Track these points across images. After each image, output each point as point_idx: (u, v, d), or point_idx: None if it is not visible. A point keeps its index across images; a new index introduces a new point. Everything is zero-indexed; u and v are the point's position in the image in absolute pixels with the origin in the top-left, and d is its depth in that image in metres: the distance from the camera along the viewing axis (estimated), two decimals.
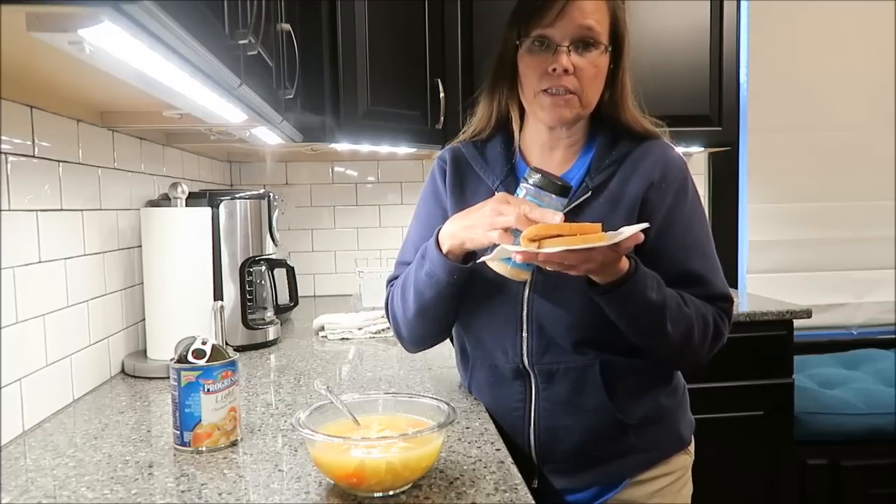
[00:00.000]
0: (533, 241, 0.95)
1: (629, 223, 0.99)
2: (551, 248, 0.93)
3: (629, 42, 1.18)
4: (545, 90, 1.13)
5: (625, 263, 1.02)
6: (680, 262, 1.13)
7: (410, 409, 1.01)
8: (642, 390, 1.17)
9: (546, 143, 1.21)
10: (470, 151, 1.24)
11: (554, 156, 1.21)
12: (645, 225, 0.97)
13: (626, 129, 1.19)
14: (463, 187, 1.23)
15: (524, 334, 1.16)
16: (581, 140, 1.21)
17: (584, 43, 1.12)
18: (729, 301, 1.16)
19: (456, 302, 1.18)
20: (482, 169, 1.22)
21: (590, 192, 1.14)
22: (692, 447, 1.25)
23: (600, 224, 0.96)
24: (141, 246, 1.59)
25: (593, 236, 0.94)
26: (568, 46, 1.11)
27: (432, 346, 1.30)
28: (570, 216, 1.12)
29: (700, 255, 1.15)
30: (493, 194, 1.16)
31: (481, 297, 1.18)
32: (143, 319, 1.63)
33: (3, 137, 1.11)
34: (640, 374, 1.17)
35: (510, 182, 1.19)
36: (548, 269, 1.00)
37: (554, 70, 1.11)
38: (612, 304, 1.05)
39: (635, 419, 1.16)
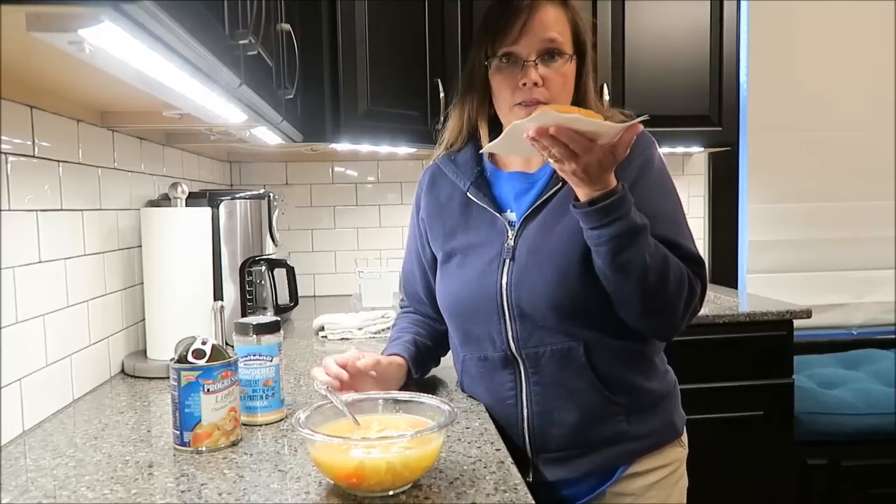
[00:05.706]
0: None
1: None
2: (565, 114, 0.94)
3: (591, 47, 1.23)
4: (519, 104, 1.17)
5: (612, 179, 1.03)
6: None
7: (410, 409, 1.01)
8: (626, 367, 1.18)
9: None
10: (444, 162, 1.32)
11: (527, 158, 1.25)
12: (646, 117, 0.97)
13: None
14: (438, 195, 1.31)
15: (507, 321, 1.18)
16: None
17: (549, 54, 1.17)
18: (701, 265, 1.15)
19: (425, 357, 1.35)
20: (454, 174, 1.28)
21: (560, 184, 1.17)
22: (685, 439, 1.26)
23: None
24: (141, 246, 1.59)
25: (603, 122, 0.95)
26: (535, 60, 1.16)
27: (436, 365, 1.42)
28: (542, 207, 1.18)
29: (666, 220, 1.14)
30: (465, 196, 1.25)
31: (462, 293, 1.23)
32: (143, 319, 1.63)
33: (3, 137, 1.11)
34: (623, 353, 1.18)
35: (480, 183, 1.25)
36: (548, 159, 1.01)
37: (524, 84, 1.16)
38: (597, 220, 1.03)
39: (623, 397, 1.17)
